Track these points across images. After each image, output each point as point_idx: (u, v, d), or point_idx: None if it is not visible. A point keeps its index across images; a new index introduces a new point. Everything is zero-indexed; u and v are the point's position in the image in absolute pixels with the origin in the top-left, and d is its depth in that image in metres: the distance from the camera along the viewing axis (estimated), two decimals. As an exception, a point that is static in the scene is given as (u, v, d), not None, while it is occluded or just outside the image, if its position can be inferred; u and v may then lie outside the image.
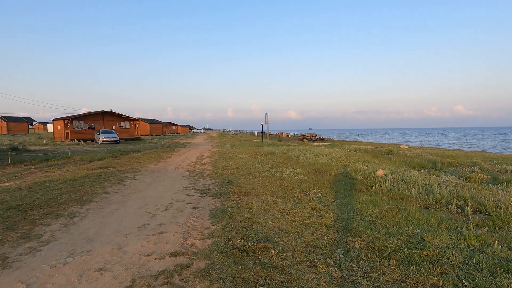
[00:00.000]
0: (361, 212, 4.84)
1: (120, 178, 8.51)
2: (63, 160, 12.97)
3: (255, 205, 5.50)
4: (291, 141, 34.59)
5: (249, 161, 12.66)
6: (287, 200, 5.87)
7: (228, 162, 12.68)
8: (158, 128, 59.50)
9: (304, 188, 6.91)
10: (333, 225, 4.29)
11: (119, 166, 11.21)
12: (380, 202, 5.36)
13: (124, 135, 35.50)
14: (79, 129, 31.25)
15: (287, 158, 13.51)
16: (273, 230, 4.21)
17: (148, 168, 10.86)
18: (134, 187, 7.38)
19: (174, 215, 5.09)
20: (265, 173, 9.32)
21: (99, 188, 7.12)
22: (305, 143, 29.55)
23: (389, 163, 10.87)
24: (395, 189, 6.30)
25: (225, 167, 11.08)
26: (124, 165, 11.70)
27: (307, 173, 9.07)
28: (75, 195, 6.34)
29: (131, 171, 10.10)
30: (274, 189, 6.92)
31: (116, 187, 7.35)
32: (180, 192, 6.89)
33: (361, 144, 25.45)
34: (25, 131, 52.83)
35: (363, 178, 8.14)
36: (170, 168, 10.97)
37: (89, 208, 5.40)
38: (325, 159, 12.83)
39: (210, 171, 10.26)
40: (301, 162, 11.95)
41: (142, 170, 10.30)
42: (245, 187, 7.19)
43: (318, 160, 12.59)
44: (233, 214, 4.97)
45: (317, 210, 5.11)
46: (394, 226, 4.13)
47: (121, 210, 5.36)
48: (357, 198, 5.76)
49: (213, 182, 8.10)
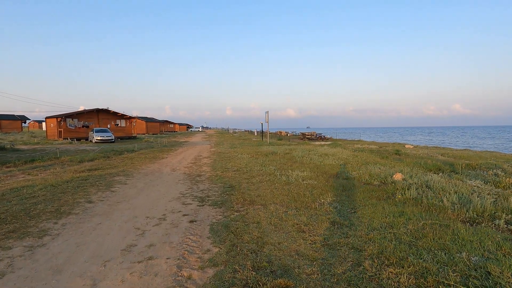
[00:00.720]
0: (392, 229, 4.02)
1: (108, 183, 7.63)
2: (50, 161, 12.05)
3: (263, 218, 4.67)
4: (291, 140, 33.78)
5: (251, 162, 11.81)
6: (300, 211, 5.04)
7: (228, 163, 11.83)
8: (155, 127, 58.43)
9: (317, 195, 6.08)
10: (364, 248, 3.46)
11: (110, 168, 10.31)
12: (412, 215, 4.54)
13: (119, 134, 34.50)
14: (73, 128, 30.21)
15: (290, 159, 12.69)
16: (290, 255, 3.37)
17: (142, 171, 9.98)
18: (124, 194, 6.51)
19: (168, 232, 4.24)
20: (270, 176, 8.48)
21: (83, 195, 6.24)
22: (306, 142, 28.75)
23: (402, 165, 10.07)
24: (423, 198, 5.48)
25: (225, 169, 10.23)
26: (116, 166, 10.81)
27: (316, 176, 8.23)
28: (53, 205, 5.45)
29: (122, 174, 9.21)
30: (282, 196, 6.08)
31: (102, 194, 6.47)
32: (175, 200, 6.03)
33: (364, 144, 24.70)
34: (19, 129, 51.60)
35: (380, 183, 7.32)
36: (166, 171, 10.09)
37: (66, 223, 4.53)
38: (332, 160, 12.02)
39: (209, 173, 9.41)
40: (307, 164, 11.13)
41: (134, 173, 9.42)
42: (249, 194, 6.34)
43: (324, 161, 11.77)
44: (238, 231, 4.13)
45: (338, 225, 4.28)
46: (441, 251, 3.31)
47: (104, 225, 4.50)
48: (381, 209, 4.94)
49: (212, 187, 7.25)
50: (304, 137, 36.08)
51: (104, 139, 26.57)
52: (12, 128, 50.43)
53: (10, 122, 51.44)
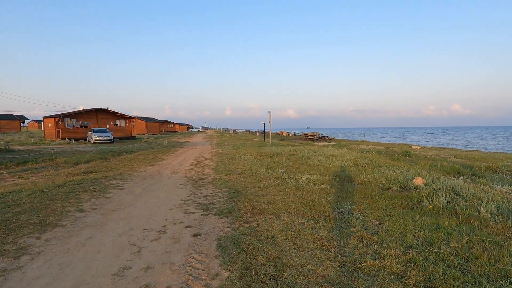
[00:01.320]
0: (432, 247, 3.41)
1: (103, 188, 7.02)
2: (44, 163, 11.44)
3: (278, 232, 4.06)
4: (294, 140, 33.18)
5: (255, 164, 11.21)
6: (319, 222, 4.43)
7: (231, 165, 11.23)
8: (155, 127, 57.81)
9: (334, 202, 5.48)
10: (406, 275, 2.85)
11: (107, 171, 9.70)
12: (449, 229, 3.94)
13: (119, 134, 33.88)
14: (71, 128, 29.59)
15: (297, 161, 12.08)
16: (317, 283, 2.76)
17: (140, 173, 9.37)
18: (119, 201, 5.90)
19: (168, 249, 3.63)
20: (277, 180, 7.88)
21: (74, 203, 5.62)
22: (309, 143, 28.15)
23: (417, 168, 9.46)
24: (456, 207, 4.87)
25: (229, 171, 9.63)
26: (113, 169, 10.20)
27: (329, 180, 7.63)
28: (38, 214, 4.84)
29: (119, 177, 8.59)
30: (295, 204, 5.47)
31: (96, 201, 5.85)
32: (176, 208, 5.42)
33: (369, 144, 24.09)
34: (17, 129, 51.01)
35: (400, 188, 6.72)
36: (166, 173, 9.48)
37: (50, 238, 3.92)
38: (340, 162, 11.41)
39: (212, 176, 8.80)
40: (315, 166, 10.52)
41: (132, 176, 8.80)
42: (258, 201, 5.74)
43: (332, 163, 11.17)
44: (250, 249, 3.53)
45: (367, 242, 3.68)
46: (502, 278, 2.71)
47: (95, 240, 3.90)
48: (411, 221, 4.33)
49: (217, 193, 6.64)
50: (306, 138, 35.49)
51: (102, 140, 25.97)
52: (11, 128, 49.85)
53: (8, 122, 50.85)
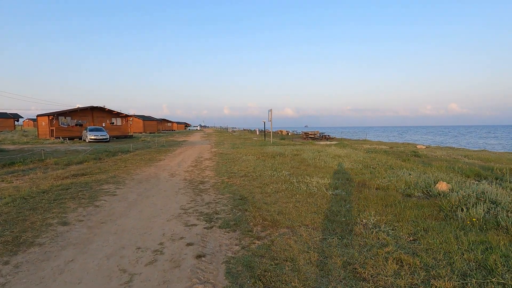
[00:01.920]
0: (493, 276, 2.76)
1: (93, 194, 6.30)
2: (33, 164, 10.70)
3: (297, 252, 3.39)
4: (295, 139, 32.55)
5: (258, 165, 10.54)
6: (344, 239, 3.76)
7: (233, 166, 10.55)
8: (153, 125, 56.92)
9: (355, 213, 4.82)
10: (477, 320, 2.20)
11: (99, 173, 8.99)
12: (504, 250, 3.29)
13: (115, 133, 33.08)
14: (65, 126, 28.74)
15: (302, 162, 11.42)
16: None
17: (136, 176, 8.66)
18: (110, 210, 5.20)
19: (166, 277, 2.96)
20: (286, 184, 7.22)
21: (57, 213, 4.91)
22: (310, 142, 27.52)
23: (433, 170, 8.83)
24: (498, 219, 4.23)
25: (231, 173, 8.95)
26: (106, 171, 9.48)
27: (342, 185, 6.97)
28: (13, 229, 4.13)
29: (112, 181, 7.88)
30: (311, 214, 4.81)
31: (83, 210, 5.15)
32: (175, 219, 4.74)
33: (372, 144, 23.49)
34: (11, 128, 49.93)
35: (423, 194, 6.07)
36: (163, 176, 8.78)
37: (22, 262, 3.22)
38: (348, 163, 10.78)
39: (213, 179, 8.12)
40: (322, 168, 9.87)
41: (127, 180, 8.09)
42: (267, 210, 5.07)
43: (340, 164, 10.54)
44: (268, 277, 2.86)
45: (409, 267, 3.01)
46: None
47: (77, 265, 3.21)
48: (453, 238, 3.68)
49: (220, 199, 5.97)
50: (307, 137, 34.86)
51: (98, 139, 25.19)
52: (4, 126, 48.75)
53: (2, 120, 49.76)
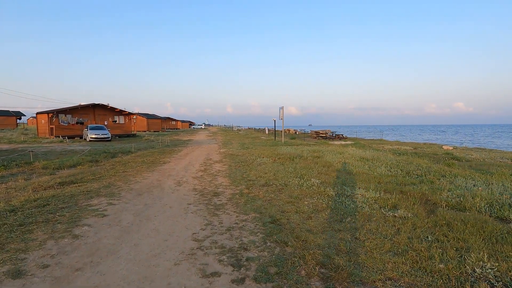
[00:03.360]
0: None
1: (76, 214, 4.76)
2: (18, 168, 9.25)
3: None
4: (306, 139, 30.92)
5: (278, 170, 8.98)
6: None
7: (249, 171, 9.01)
8: (157, 124, 55.62)
9: (452, 253, 3.24)
10: None
11: (92, 180, 7.49)
12: None
13: (117, 131, 31.74)
14: (65, 124, 27.44)
15: (327, 166, 9.84)
16: None
17: (134, 185, 7.14)
18: (93, 244, 3.66)
19: None
20: (323, 197, 5.65)
21: (13, 252, 3.33)
22: (323, 141, 25.86)
23: (496, 178, 7.19)
24: None
25: (249, 181, 7.41)
26: (101, 177, 7.99)
27: (399, 201, 5.35)
28: None
29: (105, 191, 6.36)
30: (388, 256, 3.23)
31: (54, 245, 3.60)
32: (187, 261, 3.20)
33: (392, 144, 21.76)
34: (13, 126, 49.00)
35: (523, 218, 4.47)
36: (168, 184, 7.26)
37: None
38: (383, 168, 9.18)
39: (229, 190, 6.59)
40: (355, 174, 8.29)
41: (123, 190, 6.56)
42: (317, 244, 3.50)
43: (374, 169, 8.96)
44: None
45: None
46: None
47: None
48: None
49: (244, 223, 4.42)
50: (317, 136, 33.18)
51: (99, 138, 23.82)
52: (6, 124, 47.83)
53: (4, 118, 48.85)
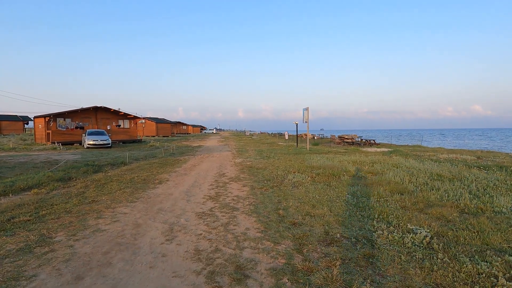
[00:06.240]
0: None
1: None
2: None
3: None
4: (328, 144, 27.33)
5: (332, 198, 5.59)
6: None
7: (284, 200, 5.66)
8: (166, 128, 53.10)
9: None
10: None
11: (22, 226, 4.32)
12: None
13: (121, 137, 29.07)
14: (64, 129, 24.91)
15: (398, 189, 6.38)
16: None
17: (81, 246, 3.89)
18: None
19: None
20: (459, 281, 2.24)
21: None
22: (352, 148, 22.21)
23: None
24: None
25: (293, 227, 4.04)
26: (43, 218, 4.81)
27: None
28: None
29: (40, 256, 3.15)
30: None
31: None
32: None
33: (444, 152, 17.86)
34: (20, 131, 47.48)
35: None
36: (150, 237, 3.96)
37: None
38: (499, 198, 5.67)
39: (264, 255, 3.24)
40: (456, 207, 4.81)
41: (76, 251, 3.34)
42: None
43: (483, 198, 5.47)
44: None
45: None
46: None
47: None
48: None
49: None
50: (342, 141, 29.51)
51: (98, 144, 21.04)
52: (13, 129, 46.34)
53: (10, 123, 47.44)
